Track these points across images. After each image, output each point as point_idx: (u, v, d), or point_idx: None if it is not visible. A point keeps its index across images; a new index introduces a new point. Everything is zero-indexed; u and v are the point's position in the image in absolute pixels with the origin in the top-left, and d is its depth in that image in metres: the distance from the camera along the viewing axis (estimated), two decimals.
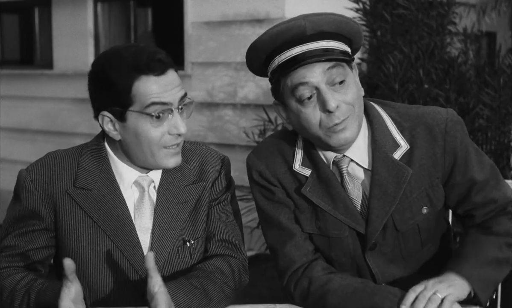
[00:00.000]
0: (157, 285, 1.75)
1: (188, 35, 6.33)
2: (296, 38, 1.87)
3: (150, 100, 1.88)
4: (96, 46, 7.06)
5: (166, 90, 1.90)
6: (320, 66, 1.87)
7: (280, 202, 2.04)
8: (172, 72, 1.94)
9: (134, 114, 1.90)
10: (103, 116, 1.94)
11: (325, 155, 2.00)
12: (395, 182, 1.95)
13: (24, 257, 1.97)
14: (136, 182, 2.01)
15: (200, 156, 2.10)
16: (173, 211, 2.01)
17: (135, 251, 1.97)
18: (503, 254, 1.93)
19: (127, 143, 1.95)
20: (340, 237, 2.01)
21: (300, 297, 2.00)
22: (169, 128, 1.92)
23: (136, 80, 1.88)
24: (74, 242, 1.96)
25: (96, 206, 1.96)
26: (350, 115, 1.91)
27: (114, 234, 1.96)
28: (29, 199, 1.97)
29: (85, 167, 1.99)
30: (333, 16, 1.90)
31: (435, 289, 1.82)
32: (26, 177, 1.99)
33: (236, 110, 6.10)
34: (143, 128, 1.91)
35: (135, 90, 1.89)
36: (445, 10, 4.71)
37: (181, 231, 2.01)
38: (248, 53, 1.97)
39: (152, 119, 1.90)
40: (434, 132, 1.97)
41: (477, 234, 1.97)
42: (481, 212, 2.00)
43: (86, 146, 2.05)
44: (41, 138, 7.41)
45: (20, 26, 8.43)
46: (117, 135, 1.95)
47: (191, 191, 2.05)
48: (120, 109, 1.91)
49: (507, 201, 2.00)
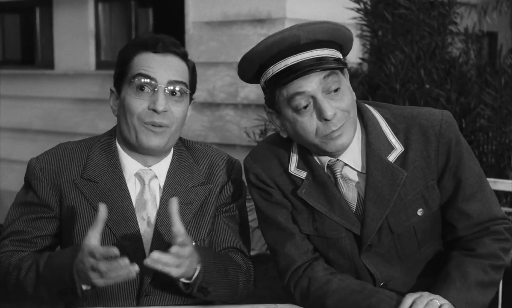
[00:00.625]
0: (181, 229, 1.80)
1: (189, 35, 6.33)
2: (291, 48, 1.87)
3: (138, 71, 1.95)
4: (97, 46, 7.07)
5: (157, 67, 1.95)
6: (316, 75, 1.88)
7: (278, 203, 2.04)
8: (174, 57, 1.98)
9: (125, 85, 1.98)
10: (112, 92, 2.03)
11: (320, 158, 2.01)
12: (389, 184, 1.95)
13: (31, 244, 1.99)
14: (137, 174, 2.03)
15: (210, 158, 2.12)
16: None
17: (136, 245, 1.98)
18: (488, 276, 1.93)
19: (119, 118, 2.01)
20: (337, 238, 2.01)
21: (300, 296, 2.01)
22: (149, 103, 1.95)
23: (136, 54, 1.97)
24: (77, 232, 1.98)
25: (102, 198, 1.98)
26: (346, 121, 1.92)
27: (117, 228, 1.97)
28: (38, 186, 2.00)
29: (94, 159, 2.02)
30: (326, 25, 1.90)
31: (433, 297, 1.82)
32: (36, 165, 2.02)
33: (237, 110, 6.10)
34: (128, 100, 1.96)
35: (132, 63, 1.97)
36: (446, 10, 4.71)
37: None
38: (241, 63, 1.97)
39: (136, 91, 1.95)
40: (429, 133, 1.97)
41: (461, 257, 1.96)
42: (463, 224, 1.99)
43: (98, 139, 2.08)
44: (42, 138, 7.41)
45: (21, 26, 8.44)
46: (116, 111, 2.02)
47: (197, 192, 2.05)
48: (119, 81, 1.99)
49: (489, 217, 1.99)
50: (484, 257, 1.94)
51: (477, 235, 1.98)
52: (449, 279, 1.91)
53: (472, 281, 1.90)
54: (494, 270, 1.95)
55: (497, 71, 4.43)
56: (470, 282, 1.90)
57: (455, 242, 2.02)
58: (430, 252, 2.06)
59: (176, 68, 1.97)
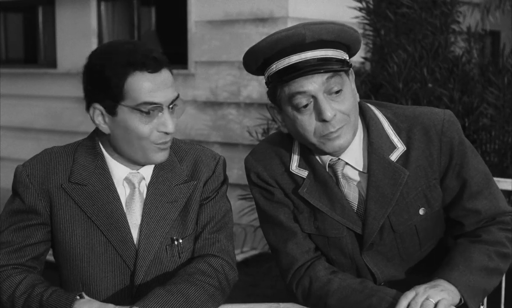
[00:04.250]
0: None
1: (191, 34, 6.33)
2: (295, 46, 1.87)
3: (142, 100, 1.91)
4: (99, 45, 7.07)
5: (158, 89, 1.92)
6: (319, 76, 1.87)
7: (280, 202, 2.04)
8: (166, 71, 1.95)
9: (125, 109, 1.92)
10: (94, 109, 1.97)
11: (321, 157, 2.01)
12: (391, 183, 1.95)
13: (21, 253, 1.98)
14: (127, 178, 2.03)
15: (194, 155, 2.11)
16: (162, 210, 2.02)
17: (127, 246, 1.98)
18: (493, 262, 1.93)
19: (116, 138, 1.97)
20: (338, 237, 2.01)
21: (302, 296, 2.02)
22: (157, 126, 1.94)
23: (129, 76, 1.90)
24: (68, 236, 1.98)
25: (90, 201, 1.98)
26: (346, 124, 1.92)
27: (107, 229, 1.97)
28: (25, 194, 1.99)
29: (81, 162, 2.02)
30: (333, 25, 1.90)
31: (427, 294, 1.81)
32: (22, 172, 2.01)
33: (240, 109, 6.10)
34: (133, 124, 1.93)
35: (128, 86, 1.91)
36: (449, 9, 4.71)
37: (169, 230, 2.02)
38: (246, 56, 1.97)
39: (142, 115, 1.92)
40: (431, 133, 1.97)
41: (466, 243, 1.96)
42: (470, 221, 2.00)
43: (82, 143, 2.07)
44: (45, 137, 7.42)
45: (24, 25, 8.45)
46: (107, 129, 1.97)
47: (181, 190, 2.05)
48: (111, 103, 1.93)
49: (496, 212, 1.99)
50: (489, 243, 1.94)
51: (483, 225, 1.99)
52: (452, 262, 1.91)
53: (476, 266, 1.90)
54: (499, 257, 1.94)
55: (500, 70, 4.43)
56: (473, 266, 1.90)
57: (461, 234, 2.02)
58: (431, 251, 2.06)
59: (171, 85, 1.96)
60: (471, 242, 1.96)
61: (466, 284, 1.87)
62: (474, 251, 1.93)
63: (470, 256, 1.92)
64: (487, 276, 1.92)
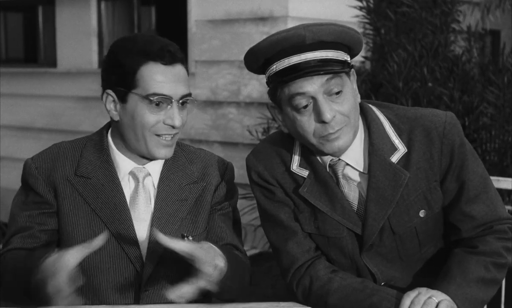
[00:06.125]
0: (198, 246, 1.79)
1: (191, 33, 6.33)
2: (295, 47, 1.87)
3: (152, 90, 1.95)
4: (99, 44, 7.08)
5: (170, 82, 1.96)
6: (319, 77, 1.87)
7: (280, 201, 2.05)
8: (181, 67, 2.00)
9: (135, 97, 1.97)
10: (107, 95, 2.02)
11: (322, 157, 2.01)
12: (392, 185, 1.95)
13: (36, 239, 2.02)
14: (132, 172, 2.06)
15: (203, 160, 2.15)
16: (172, 208, 2.05)
17: (129, 239, 2.01)
18: (489, 274, 1.93)
19: (124, 125, 2.01)
20: (338, 237, 2.01)
21: (302, 295, 2.02)
22: (164, 118, 1.98)
23: (143, 65, 1.95)
24: (72, 227, 2.01)
25: (95, 193, 2.02)
26: (345, 125, 1.91)
27: (111, 221, 2.00)
28: (36, 184, 2.04)
29: (87, 156, 2.06)
30: (333, 27, 1.89)
31: (430, 294, 1.82)
32: (31, 164, 2.06)
33: (240, 109, 6.10)
34: (140, 112, 1.97)
35: (140, 74, 1.95)
36: (449, 8, 4.71)
37: (179, 227, 2.04)
38: (247, 56, 1.98)
39: (151, 105, 1.96)
40: (432, 135, 1.97)
41: (463, 254, 1.96)
42: (467, 227, 1.99)
43: (90, 138, 2.12)
44: (45, 136, 7.42)
45: (24, 24, 8.45)
46: (117, 115, 2.02)
47: (191, 190, 2.09)
48: (123, 90, 1.98)
49: (493, 218, 1.99)
50: (486, 254, 1.94)
51: (480, 234, 1.98)
52: (449, 275, 1.91)
53: (473, 277, 1.90)
54: (496, 268, 1.94)
55: (500, 69, 4.43)
56: (470, 278, 1.90)
57: (458, 241, 2.02)
58: (431, 252, 2.06)
59: (184, 80, 2.00)
60: (468, 253, 1.95)
61: (464, 297, 1.87)
62: (471, 262, 1.92)
63: (467, 267, 1.91)
64: (484, 288, 1.92)
